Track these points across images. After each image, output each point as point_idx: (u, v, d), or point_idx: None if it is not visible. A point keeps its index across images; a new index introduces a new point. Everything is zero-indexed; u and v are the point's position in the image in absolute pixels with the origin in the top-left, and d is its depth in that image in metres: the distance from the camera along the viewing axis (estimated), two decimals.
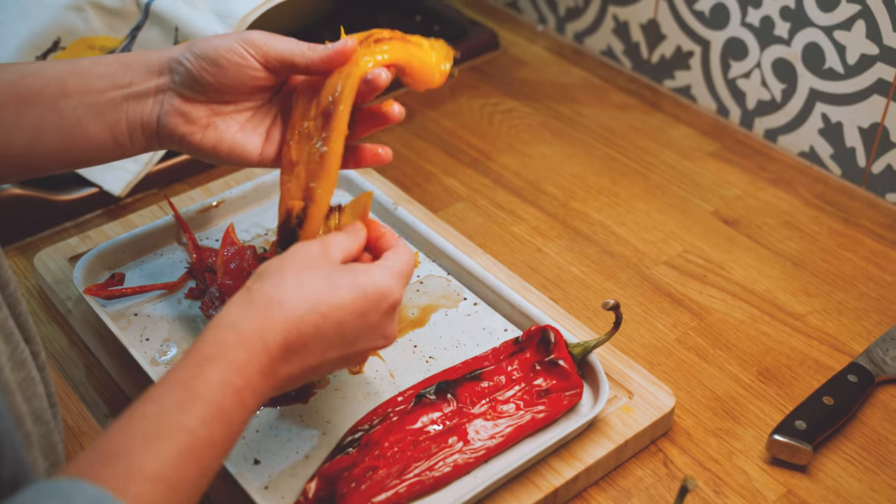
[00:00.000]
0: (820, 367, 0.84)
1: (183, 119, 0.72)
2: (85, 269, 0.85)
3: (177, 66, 0.72)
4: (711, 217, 0.99)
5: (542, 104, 1.16)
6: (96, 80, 0.72)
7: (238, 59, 0.71)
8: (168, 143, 0.74)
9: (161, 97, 0.72)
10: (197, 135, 0.73)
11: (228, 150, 0.73)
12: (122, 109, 0.72)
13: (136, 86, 0.72)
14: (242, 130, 0.74)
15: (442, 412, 0.74)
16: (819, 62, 1.00)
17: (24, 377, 0.60)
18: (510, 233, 0.97)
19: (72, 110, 0.71)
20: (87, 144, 0.72)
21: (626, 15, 1.18)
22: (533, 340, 0.78)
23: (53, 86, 0.72)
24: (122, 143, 0.73)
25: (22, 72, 0.72)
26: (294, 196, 0.71)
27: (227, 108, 0.73)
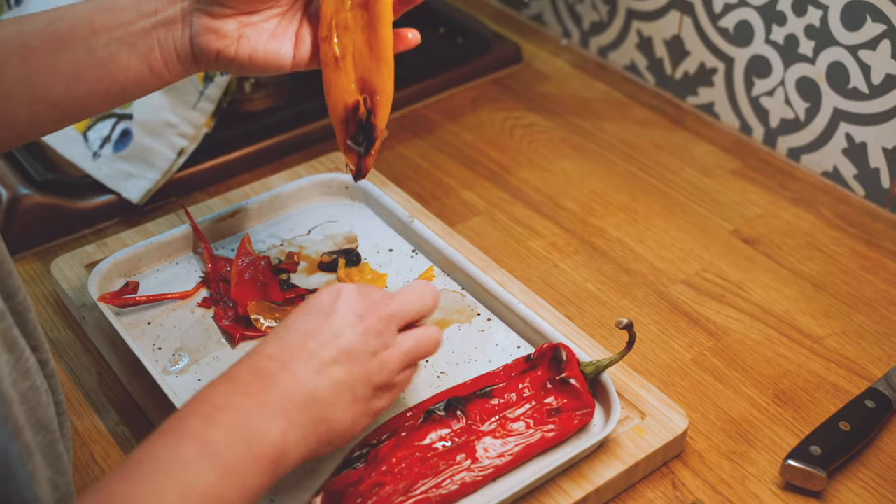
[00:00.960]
0: (837, 392, 0.82)
1: (215, 35, 0.73)
2: (100, 276, 0.85)
3: None
4: (731, 236, 0.98)
5: (564, 119, 1.15)
6: (122, 12, 0.73)
7: None
8: (205, 62, 0.75)
9: (189, 19, 0.74)
10: (231, 48, 0.74)
11: (263, 58, 0.75)
12: (154, 38, 0.73)
13: (161, 12, 0.73)
14: (273, 37, 0.75)
15: (451, 429, 0.73)
16: (843, 81, 0.99)
17: (28, 386, 0.60)
18: (527, 248, 0.97)
19: (104, 47, 0.73)
20: (124, 78, 0.73)
21: (651, 30, 1.17)
22: (545, 358, 0.77)
23: (82, 26, 0.73)
24: (159, 72, 0.74)
25: (49, 18, 0.74)
26: (347, 89, 0.74)
27: (255, 18, 0.74)
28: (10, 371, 0.57)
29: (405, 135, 1.12)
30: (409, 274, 0.90)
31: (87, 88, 0.73)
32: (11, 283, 0.62)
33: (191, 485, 0.55)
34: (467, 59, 1.22)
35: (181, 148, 1.00)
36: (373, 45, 0.73)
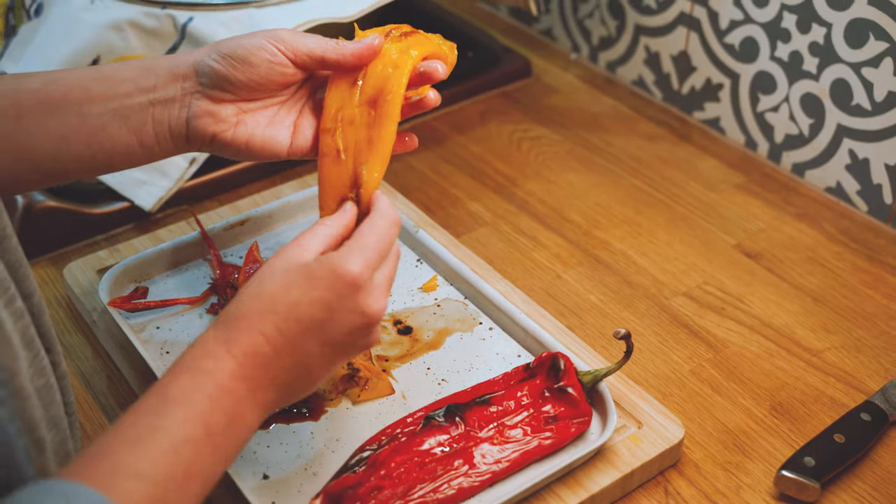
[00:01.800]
0: (834, 405, 0.83)
1: (213, 119, 0.74)
2: (111, 281, 0.87)
3: (203, 68, 0.73)
4: (733, 250, 0.99)
5: (572, 132, 1.17)
6: (120, 84, 0.73)
7: (268, 55, 0.73)
8: (199, 144, 0.75)
9: (188, 100, 0.74)
10: (228, 132, 0.74)
11: (260, 145, 0.75)
12: (149, 114, 0.74)
13: (160, 90, 0.74)
14: (271, 125, 0.75)
15: (449, 435, 0.74)
16: (847, 98, 1.00)
17: (43, 384, 0.62)
18: (531, 259, 0.98)
19: (97, 116, 0.73)
20: (112, 149, 0.74)
21: (658, 46, 1.19)
22: (543, 367, 0.78)
23: (77, 91, 0.73)
24: (149, 147, 0.75)
25: (46, 79, 0.74)
26: (344, 183, 0.73)
27: (255, 105, 0.75)
28: (27, 367, 0.59)
29: None
30: (414, 283, 0.91)
31: (74, 153, 0.73)
32: (28, 284, 0.64)
33: (195, 464, 0.57)
34: (477, 73, 1.24)
35: (193, 157, 1.02)
36: (373, 141, 0.73)
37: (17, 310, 0.59)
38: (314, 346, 0.64)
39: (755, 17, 1.06)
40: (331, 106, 0.74)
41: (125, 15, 1.02)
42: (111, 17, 1.02)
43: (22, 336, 0.59)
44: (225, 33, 1.00)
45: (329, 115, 0.74)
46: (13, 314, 0.58)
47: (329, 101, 0.75)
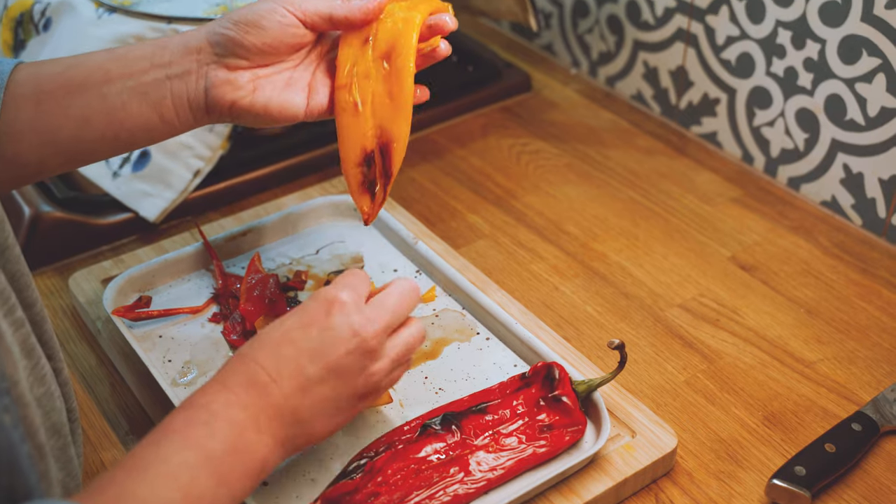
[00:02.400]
0: (826, 415, 0.84)
1: (230, 87, 0.75)
2: (115, 291, 0.89)
3: (216, 37, 0.75)
4: (729, 262, 1.00)
5: (570, 146, 1.18)
6: (136, 62, 0.75)
7: (279, 17, 0.75)
8: (218, 113, 0.77)
9: (204, 70, 0.75)
10: (247, 98, 0.76)
11: (279, 108, 0.77)
12: (167, 88, 0.75)
13: (175, 65, 0.75)
14: (287, 88, 0.77)
15: (446, 442, 0.76)
16: (841, 113, 1.02)
17: (43, 392, 0.63)
18: (529, 271, 1.00)
19: (116, 95, 0.75)
20: (133, 126, 0.75)
21: (656, 61, 1.20)
22: (539, 376, 0.80)
23: (97, 73, 0.75)
24: (170, 121, 0.76)
25: (66, 63, 0.76)
26: (366, 135, 0.77)
27: (269, 70, 0.77)
28: (27, 375, 0.60)
29: (415, 159, 1.15)
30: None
31: (96, 134, 0.75)
32: (29, 294, 0.65)
33: (193, 490, 0.59)
34: (478, 87, 1.25)
35: (197, 169, 1.04)
36: (394, 95, 0.76)
37: (17, 319, 0.60)
38: (312, 368, 0.65)
39: (751, 34, 1.08)
40: (344, 63, 0.77)
41: (131, 29, 1.03)
42: (117, 31, 1.04)
43: (22, 345, 0.60)
44: None
45: (343, 72, 0.77)
46: (13, 324, 0.59)
47: (342, 58, 0.78)
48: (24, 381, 0.60)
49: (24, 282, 0.65)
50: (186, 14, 1.05)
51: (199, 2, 1.07)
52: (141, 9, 1.06)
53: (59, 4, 1.08)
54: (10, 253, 0.64)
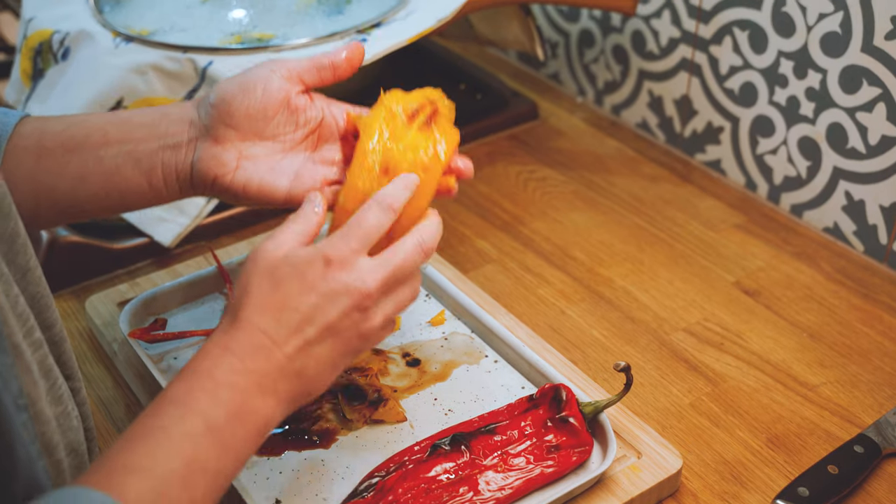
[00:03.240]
0: (829, 438, 0.86)
1: (215, 162, 0.76)
2: (131, 314, 0.91)
3: (206, 107, 0.76)
4: (733, 287, 1.02)
5: (577, 173, 1.20)
6: (136, 129, 0.77)
7: (263, 72, 0.76)
8: (201, 187, 0.78)
9: (194, 144, 0.77)
10: (228, 176, 0.76)
11: (257, 190, 0.76)
12: (159, 158, 0.77)
13: (171, 136, 0.77)
14: (272, 171, 0.77)
15: (455, 462, 0.77)
16: (842, 141, 1.04)
17: (61, 411, 0.65)
18: (536, 295, 1.01)
19: (112, 158, 0.77)
20: (125, 190, 0.77)
21: (661, 90, 1.23)
22: (546, 398, 0.81)
23: (96, 135, 0.77)
24: (158, 190, 0.78)
25: (69, 122, 0.78)
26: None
27: (256, 150, 0.76)
28: (45, 394, 0.62)
29: None
30: (422, 317, 0.94)
31: (90, 193, 0.77)
32: (49, 315, 0.67)
33: (195, 458, 0.60)
34: (485, 115, 1.28)
35: None
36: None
37: (35, 340, 0.62)
38: (312, 331, 0.66)
39: (754, 64, 1.10)
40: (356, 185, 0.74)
41: (148, 59, 1.06)
42: (134, 60, 1.06)
43: (40, 365, 0.62)
44: None
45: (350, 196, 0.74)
46: (32, 344, 0.61)
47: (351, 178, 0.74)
48: (44, 399, 0.62)
49: (45, 303, 0.67)
50: (202, 43, 1.08)
51: (215, 31, 1.10)
52: (157, 38, 1.09)
53: (77, 34, 1.11)
54: (32, 275, 0.66)
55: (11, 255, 0.64)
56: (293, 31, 1.11)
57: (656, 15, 1.19)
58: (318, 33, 1.09)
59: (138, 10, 1.14)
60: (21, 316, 0.61)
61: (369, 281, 0.67)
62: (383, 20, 1.12)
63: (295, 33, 1.10)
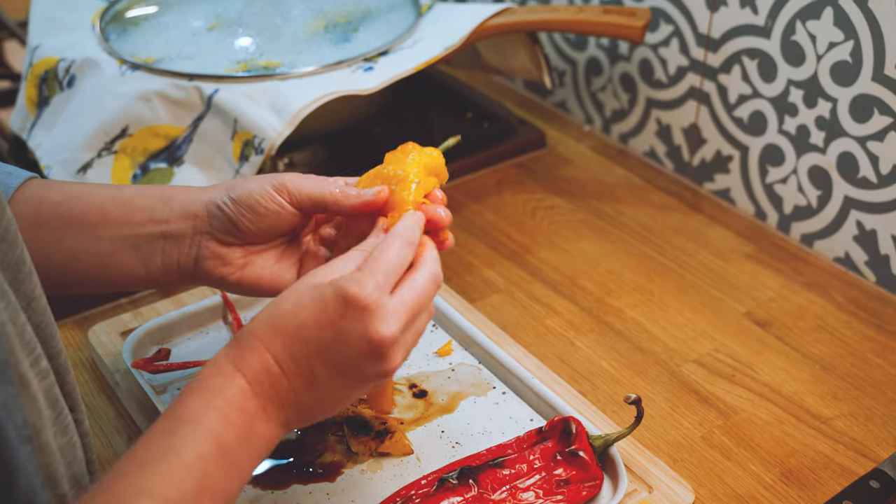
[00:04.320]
0: (844, 472, 0.84)
1: (220, 261, 0.76)
2: (134, 343, 0.90)
3: (216, 211, 0.75)
4: (743, 318, 1.01)
5: (585, 202, 1.19)
6: (136, 212, 0.76)
7: (275, 205, 0.75)
8: (205, 281, 0.78)
9: (198, 239, 0.76)
10: (235, 275, 0.76)
11: (269, 283, 0.77)
12: (159, 246, 0.76)
13: (172, 224, 0.76)
14: (278, 262, 0.78)
15: (463, 497, 0.76)
16: (853, 171, 1.03)
17: (66, 442, 0.64)
18: (544, 325, 1.00)
19: (109, 240, 0.76)
20: (119, 273, 0.77)
21: (669, 119, 1.22)
22: (555, 431, 0.80)
23: (95, 212, 0.76)
24: (155, 277, 0.77)
25: (69, 193, 0.77)
26: None
27: (261, 247, 0.78)
28: (51, 425, 0.61)
29: None
30: (429, 347, 0.93)
31: (82, 270, 0.76)
32: (54, 344, 0.66)
33: (206, 482, 0.59)
34: (493, 144, 1.27)
35: None
36: None
37: (42, 370, 0.61)
38: (321, 369, 0.65)
39: (763, 92, 1.09)
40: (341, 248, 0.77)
41: (153, 86, 1.06)
42: (140, 88, 1.06)
43: (46, 395, 0.61)
44: (249, 104, 1.03)
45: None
46: (38, 374, 0.60)
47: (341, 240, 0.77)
48: (49, 429, 0.60)
49: (50, 332, 0.66)
50: (208, 71, 1.07)
51: (221, 59, 1.10)
52: (163, 66, 1.08)
53: (83, 62, 1.10)
54: (38, 304, 0.65)
55: (17, 283, 0.63)
56: (300, 58, 1.10)
57: (664, 43, 1.19)
58: (324, 61, 1.09)
59: (144, 38, 1.14)
60: (28, 345, 0.60)
61: (393, 326, 0.65)
62: (390, 48, 1.12)
63: (301, 61, 1.10)
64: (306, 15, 1.17)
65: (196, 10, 1.18)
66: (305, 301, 0.65)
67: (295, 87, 1.05)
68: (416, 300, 0.67)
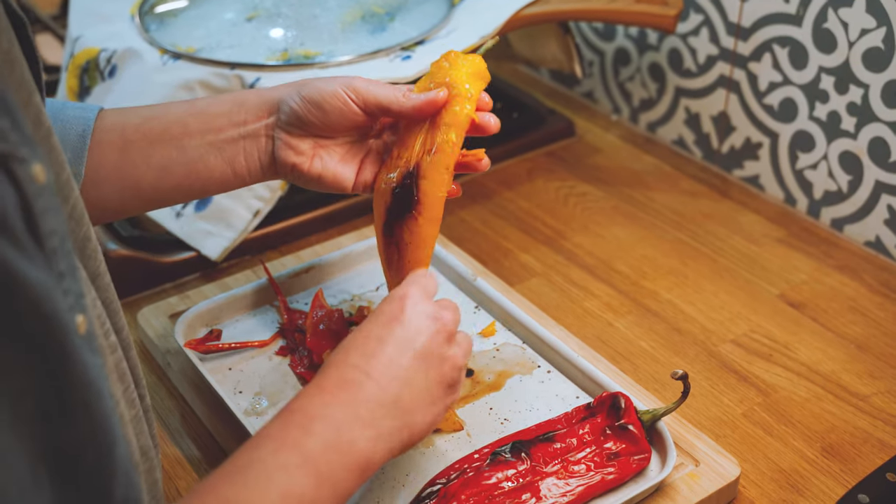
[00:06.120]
0: (884, 447, 0.86)
1: (293, 151, 0.80)
2: (185, 324, 0.91)
3: (284, 107, 0.79)
4: (778, 300, 1.03)
5: (616, 189, 1.21)
6: (215, 118, 0.80)
7: (340, 104, 0.78)
8: (282, 173, 0.82)
9: (272, 133, 0.80)
10: (305, 164, 0.80)
11: (332, 178, 0.82)
12: (240, 146, 0.80)
13: (250, 124, 0.80)
14: (342, 161, 0.82)
15: (516, 469, 0.78)
16: (884, 155, 1.04)
17: (134, 415, 0.65)
18: (582, 307, 1.02)
19: (195, 148, 0.79)
20: (209, 177, 0.80)
21: (698, 107, 1.24)
22: (604, 406, 0.82)
23: (176, 126, 0.80)
24: (241, 176, 0.81)
25: (147, 115, 0.81)
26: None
27: (328, 142, 0.81)
28: (122, 397, 0.63)
29: (465, 201, 1.18)
30: (472, 329, 0.95)
31: (173, 182, 0.80)
32: (118, 320, 0.68)
33: (291, 490, 0.60)
34: (523, 133, 1.29)
35: (257, 209, 1.07)
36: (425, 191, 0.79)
37: (112, 343, 0.63)
38: (404, 359, 0.67)
39: (794, 80, 1.11)
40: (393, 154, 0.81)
41: (195, 75, 1.07)
42: (182, 76, 1.07)
43: (116, 367, 0.63)
44: None
45: (389, 162, 0.81)
46: (109, 347, 0.62)
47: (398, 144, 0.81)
48: (122, 402, 0.62)
49: (114, 308, 0.68)
50: (249, 60, 1.09)
51: (261, 48, 1.11)
52: (204, 55, 1.10)
53: (124, 52, 1.12)
54: (102, 280, 0.67)
55: (84, 259, 0.65)
56: (338, 48, 1.12)
57: (694, 33, 1.21)
58: (362, 50, 1.11)
59: (184, 29, 1.16)
60: (99, 318, 0.61)
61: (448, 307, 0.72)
62: (426, 37, 1.13)
63: (340, 50, 1.11)
64: (343, 5, 1.19)
65: (234, 1, 1.20)
66: (363, 324, 0.70)
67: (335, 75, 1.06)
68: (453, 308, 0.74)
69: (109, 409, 0.53)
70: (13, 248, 0.45)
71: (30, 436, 0.48)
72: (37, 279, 0.46)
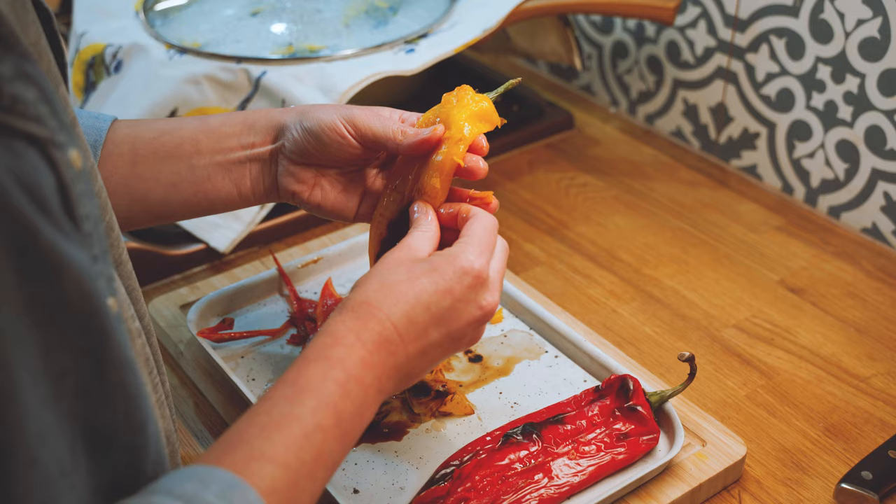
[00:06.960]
0: (884, 426, 0.88)
1: (294, 179, 0.81)
2: (198, 313, 0.93)
3: (287, 134, 0.80)
4: (778, 286, 1.05)
5: (616, 179, 1.23)
6: (226, 139, 0.81)
7: (338, 138, 0.78)
8: (284, 197, 0.82)
9: (277, 158, 0.81)
10: (305, 193, 0.81)
11: (331, 208, 0.82)
12: (247, 168, 0.81)
13: (257, 147, 0.81)
14: (343, 192, 0.82)
15: (528, 451, 0.79)
16: (881, 143, 1.07)
17: (157, 398, 0.67)
18: (586, 295, 1.04)
19: (203, 167, 0.81)
20: (216, 197, 0.81)
21: (696, 98, 1.26)
22: (613, 388, 0.83)
23: (188, 144, 0.81)
24: (246, 196, 0.82)
25: (160, 129, 0.81)
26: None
27: (331, 171, 0.82)
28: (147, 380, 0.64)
29: None
30: None
31: (181, 199, 0.81)
32: (140, 307, 0.70)
33: (323, 452, 0.61)
34: (523, 125, 1.31)
35: None
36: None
37: (136, 328, 0.64)
38: (436, 334, 0.68)
39: (791, 70, 1.13)
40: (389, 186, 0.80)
41: (202, 69, 1.09)
42: (188, 71, 1.09)
43: (140, 353, 0.64)
44: (297, 85, 1.07)
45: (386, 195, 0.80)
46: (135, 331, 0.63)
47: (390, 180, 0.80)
48: (148, 385, 0.64)
49: (136, 296, 0.69)
50: (254, 54, 1.10)
51: (266, 43, 1.13)
52: (210, 50, 1.12)
53: (130, 47, 1.13)
54: (125, 268, 0.68)
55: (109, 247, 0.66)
56: (342, 42, 1.14)
57: (691, 25, 1.22)
58: (366, 44, 1.13)
59: (189, 24, 1.17)
60: (125, 303, 0.63)
61: (496, 295, 0.71)
62: (429, 31, 1.15)
63: (344, 44, 1.13)
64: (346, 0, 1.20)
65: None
66: (418, 271, 0.69)
67: (341, 69, 1.08)
68: (502, 270, 0.73)
69: (143, 387, 0.54)
70: (56, 230, 0.47)
71: (71, 414, 0.49)
72: (78, 260, 0.48)
